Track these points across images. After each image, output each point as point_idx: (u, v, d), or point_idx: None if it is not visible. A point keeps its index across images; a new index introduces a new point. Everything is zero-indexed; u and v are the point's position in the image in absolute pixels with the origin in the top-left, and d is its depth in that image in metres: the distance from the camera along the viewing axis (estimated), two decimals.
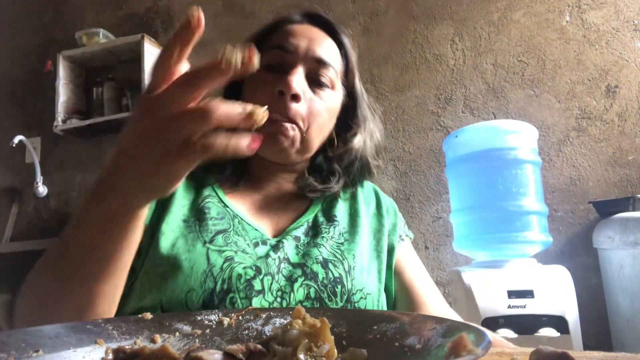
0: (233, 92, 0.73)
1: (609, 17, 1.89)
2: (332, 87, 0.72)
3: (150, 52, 2.37)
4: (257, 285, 0.59)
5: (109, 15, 2.65)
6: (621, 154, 1.81)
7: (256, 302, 0.58)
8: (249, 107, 0.37)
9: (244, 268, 0.60)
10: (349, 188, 0.81)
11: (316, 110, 0.69)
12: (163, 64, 0.38)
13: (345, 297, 0.63)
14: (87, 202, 0.43)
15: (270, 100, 0.65)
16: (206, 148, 0.36)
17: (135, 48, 2.38)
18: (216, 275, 0.58)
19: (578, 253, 1.78)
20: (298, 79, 0.66)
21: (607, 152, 1.82)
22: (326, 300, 0.61)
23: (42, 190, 2.54)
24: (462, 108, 2.01)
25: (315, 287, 0.62)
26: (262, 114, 0.37)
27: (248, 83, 0.72)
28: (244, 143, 0.37)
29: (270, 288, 0.60)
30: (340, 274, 0.64)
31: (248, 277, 0.59)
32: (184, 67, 0.40)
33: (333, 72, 0.71)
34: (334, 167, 0.77)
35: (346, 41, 0.75)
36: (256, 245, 0.65)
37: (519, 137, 1.57)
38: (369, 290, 0.66)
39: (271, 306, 0.58)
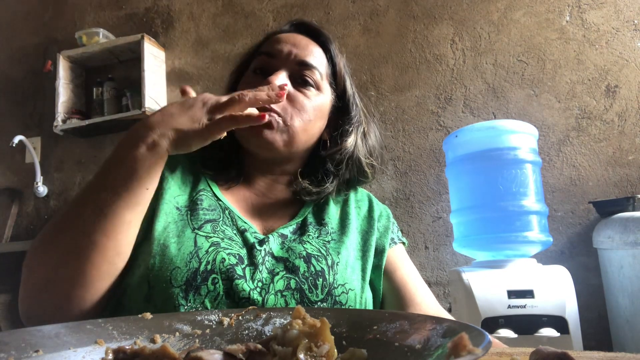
0: None
1: (609, 17, 1.89)
2: (318, 88, 0.74)
3: (150, 52, 2.37)
4: (239, 271, 0.62)
5: (109, 15, 2.65)
6: (621, 154, 1.81)
7: (238, 285, 0.60)
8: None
9: (229, 254, 0.63)
10: (343, 192, 0.82)
11: (300, 103, 0.71)
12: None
13: (326, 290, 0.65)
14: (121, 145, 0.58)
15: None
16: (225, 119, 0.57)
17: (135, 48, 2.38)
18: (201, 256, 0.61)
19: (578, 253, 1.78)
20: (279, 78, 0.70)
21: (607, 152, 1.82)
22: (307, 292, 0.64)
23: (42, 190, 2.54)
24: (462, 108, 2.01)
25: (296, 279, 0.64)
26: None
27: (239, 85, 0.77)
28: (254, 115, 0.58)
29: (252, 277, 0.62)
30: (322, 268, 0.67)
31: (231, 263, 0.62)
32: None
33: (317, 74, 0.74)
34: (327, 168, 0.78)
35: (332, 47, 0.79)
36: (243, 237, 0.68)
37: (519, 137, 1.57)
38: (351, 286, 0.68)
39: (251, 293, 0.61)
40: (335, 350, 0.32)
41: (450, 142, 1.71)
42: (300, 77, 0.73)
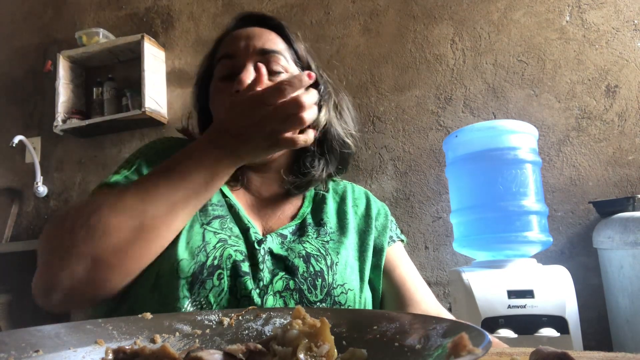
0: (203, 103, 0.80)
1: (609, 17, 1.89)
2: (286, 71, 0.73)
3: (150, 52, 2.37)
4: (244, 267, 0.62)
5: (109, 15, 2.65)
6: (621, 154, 1.81)
7: (243, 282, 0.61)
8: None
9: (235, 251, 0.63)
10: (335, 173, 0.80)
11: None
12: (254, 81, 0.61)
13: (325, 290, 0.65)
14: (203, 153, 0.59)
15: None
16: (299, 122, 0.56)
17: (135, 48, 2.38)
18: (209, 251, 0.62)
19: (578, 253, 1.78)
20: (248, 73, 0.68)
21: (607, 152, 1.82)
22: (306, 292, 0.64)
23: (42, 190, 2.54)
24: (462, 108, 2.01)
25: (295, 280, 0.64)
26: None
27: (211, 95, 0.75)
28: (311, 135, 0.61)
29: (254, 276, 0.63)
30: (321, 268, 0.67)
31: (237, 260, 0.62)
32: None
33: (282, 58, 0.73)
34: (309, 149, 0.76)
35: (286, 30, 0.77)
36: (246, 235, 0.68)
37: (519, 137, 1.57)
38: (350, 286, 0.68)
39: (253, 292, 0.61)
40: (335, 350, 0.32)
41: (450, 142, 1.71)
42: (267, 66, 0.71)
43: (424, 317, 0.38)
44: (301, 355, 0.30)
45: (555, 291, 1.39)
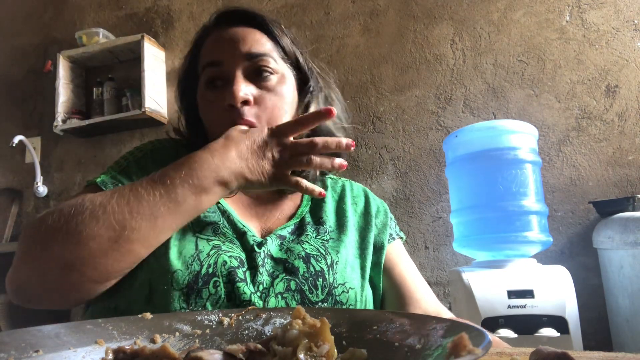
0: (190, 109, 0.78)
1: (609, 17, 1.89)
2: (276, 73, 0.70)
3: (150, 52, 2.37)
4: (240, 274, 0.61)
5: (109, 15, 2.65)
6: (621, 154, 1.81)
7: (239, 288, 0.60)
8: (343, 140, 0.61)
9: (230, 257, 0.62)
10: (327, 174, 0.80)
11: (268, 103, 0.68)
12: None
13: (326, 290, 0.65)
14: (198, 168, 0.56)
15: (224, 116, 0.67)
16: (297, 164, 0.60)
17: (135, 48, 2.38)
18: (203, 259, 0.61)
19: (578, 253, 1.78)
20: (240, 86, 0.66)
21: (607, 152, 1.82)
22: (307, 293, 0.64)
23: (42, 190, 2.54)
24: (462, 108, 2.01)
25: (296, 280, 0.64)
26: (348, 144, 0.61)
27: (200, 104, 0.73)
28: (336, 162, 0.61)
29: (252, 280, 0.62)
30: (322, 267, 0.66)
31: (232, 266, 0.61)
32: None
33: (270, 60, 0.70)
34: None
35: (271, 25, 0.73)
36: (242, 240, 0.67)
37: (519, 137, 1.57)
38: (351, 284, 0.68)
39: (252, 296, 0.60)
40: (335, 350, 0.32)
41: (450, 142, 1.71)
42: (255, 70, 0.69)
43: (424, 317, 0.38)
44: (301, 355, 0.30)
45: (555, 291, 1.39)
